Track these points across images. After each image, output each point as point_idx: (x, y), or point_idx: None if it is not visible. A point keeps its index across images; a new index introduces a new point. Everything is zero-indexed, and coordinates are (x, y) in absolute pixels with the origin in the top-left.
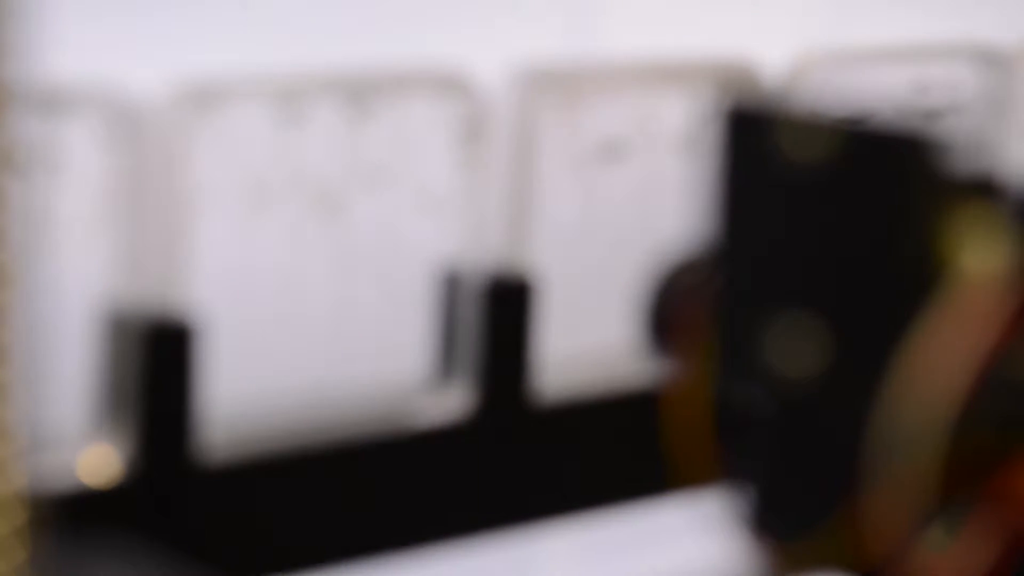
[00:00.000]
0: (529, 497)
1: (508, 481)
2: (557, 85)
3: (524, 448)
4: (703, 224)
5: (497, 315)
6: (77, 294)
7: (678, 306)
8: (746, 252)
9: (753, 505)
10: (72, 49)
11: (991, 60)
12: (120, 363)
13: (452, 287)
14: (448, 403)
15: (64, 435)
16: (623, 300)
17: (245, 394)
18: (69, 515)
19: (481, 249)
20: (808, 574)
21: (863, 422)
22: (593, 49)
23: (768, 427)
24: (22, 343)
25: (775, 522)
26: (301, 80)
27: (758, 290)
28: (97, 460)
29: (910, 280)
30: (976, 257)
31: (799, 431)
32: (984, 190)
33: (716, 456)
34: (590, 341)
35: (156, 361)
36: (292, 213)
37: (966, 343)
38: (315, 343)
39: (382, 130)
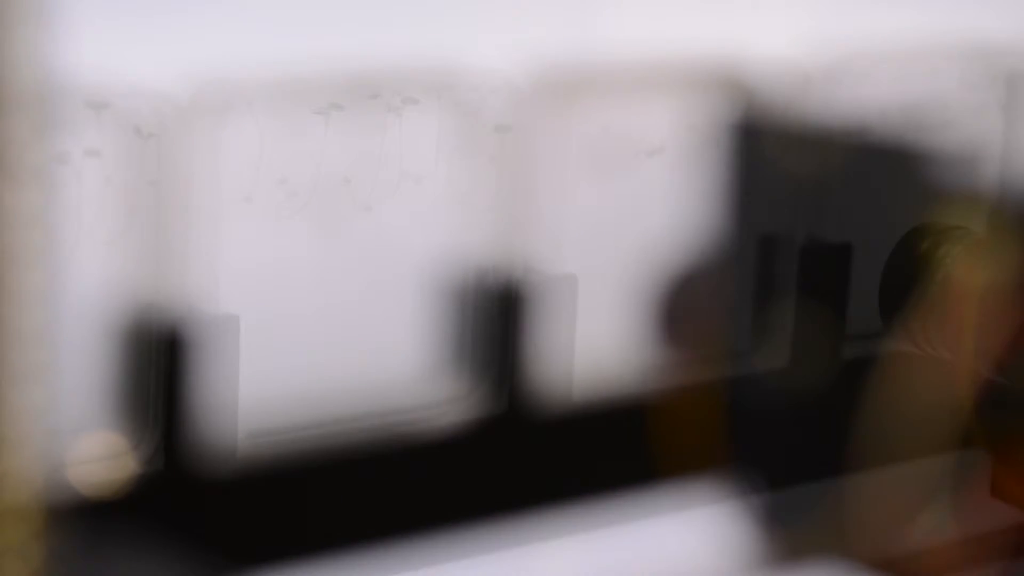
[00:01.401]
0: (531, 496)
1: (510, 480)
2: (559, 87)
3: (526, 448)
4: (706, 226)
5: (500, 316)
6: (92, 297)
7: (684, 306)
8: (749, 254)
9: (757, 496)
10: (80, 51)
11: (990, 63)
12: (135, 366)
13: (454, 289)
14: (450, 404)
15: (80, 438)
16: (625, 300)
17: (251, 396)
18: (86, 518)
19: (483, 250)
20: (810, 563)
21: (864, 417)
22: (595, 51)
23: (773, 420)
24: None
25: (779, 512)
26: (304, 82)
27: (764, 289)
28: (113, 463)
29: (909, 282)
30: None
31: (803, 424)
32: (982, 195)
33: (721, 450)
34: (592, 341)
35: (170, 363)
36: (297, 215)
37: (964, 343)
38: (318, 345)
39: (384, 131)
